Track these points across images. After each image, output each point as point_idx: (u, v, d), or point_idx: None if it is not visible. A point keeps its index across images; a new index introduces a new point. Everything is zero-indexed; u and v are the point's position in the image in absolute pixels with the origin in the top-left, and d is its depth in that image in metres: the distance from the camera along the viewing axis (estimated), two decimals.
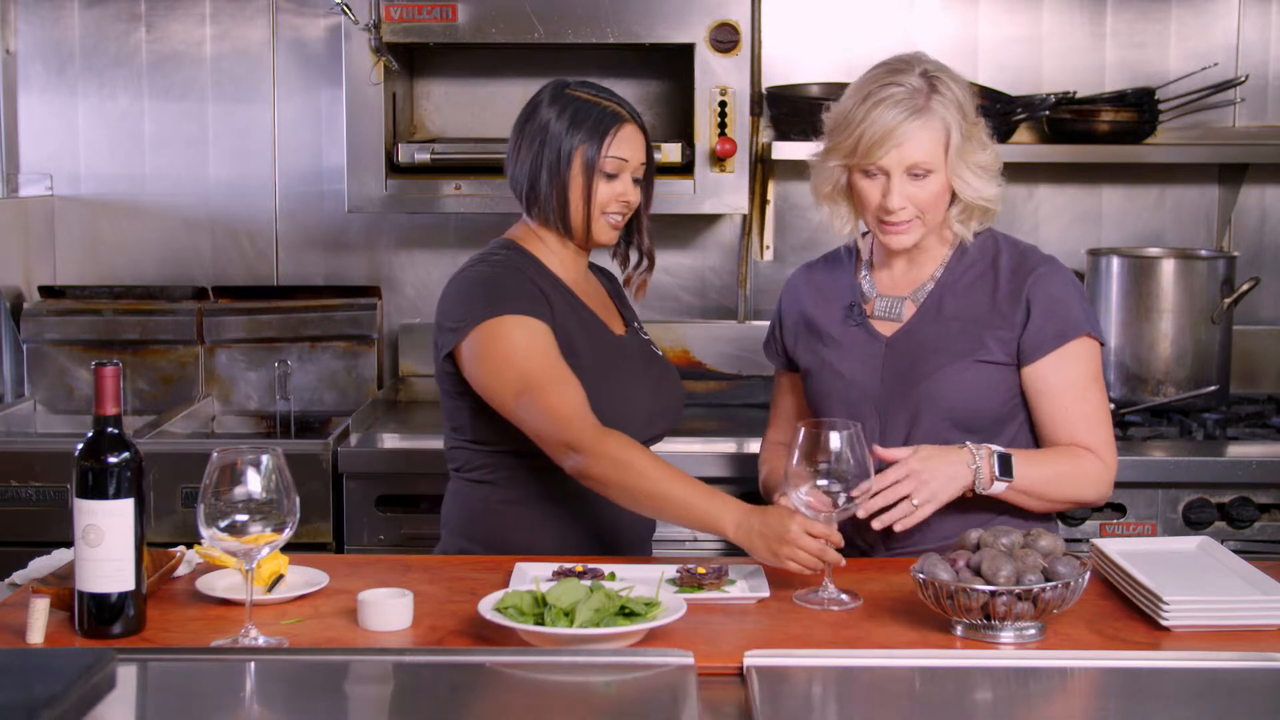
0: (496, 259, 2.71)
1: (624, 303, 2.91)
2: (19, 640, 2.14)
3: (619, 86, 4.13)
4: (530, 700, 1.98)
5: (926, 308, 2.68)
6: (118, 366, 2.15)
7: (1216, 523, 3.45)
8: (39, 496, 3.51)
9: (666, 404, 2.80)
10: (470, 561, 2.58)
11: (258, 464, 2.13)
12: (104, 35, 4.15)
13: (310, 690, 2.01)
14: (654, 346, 2.89)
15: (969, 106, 2.62)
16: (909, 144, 2.55)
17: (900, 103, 2.55)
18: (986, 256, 2.68)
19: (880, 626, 2.24)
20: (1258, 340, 4.15)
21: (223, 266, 4.21)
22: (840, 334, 2.73)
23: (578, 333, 2.69)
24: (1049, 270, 2.65)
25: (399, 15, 3.74)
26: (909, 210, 2.59)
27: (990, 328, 2.63)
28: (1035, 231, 4.17)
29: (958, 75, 2.65)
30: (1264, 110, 4.15)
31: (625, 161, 2.70)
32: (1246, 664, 2.08)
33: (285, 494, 2.14)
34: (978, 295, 2.66)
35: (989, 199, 2.63)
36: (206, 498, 2.12)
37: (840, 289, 2.77)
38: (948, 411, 2.61)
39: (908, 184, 2.58)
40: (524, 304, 2.62)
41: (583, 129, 2.68)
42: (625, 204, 2.72)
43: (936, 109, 2.56)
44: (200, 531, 2.13)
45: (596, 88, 2.76)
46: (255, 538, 2.12)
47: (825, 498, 2.33)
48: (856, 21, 4.11)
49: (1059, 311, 2.62)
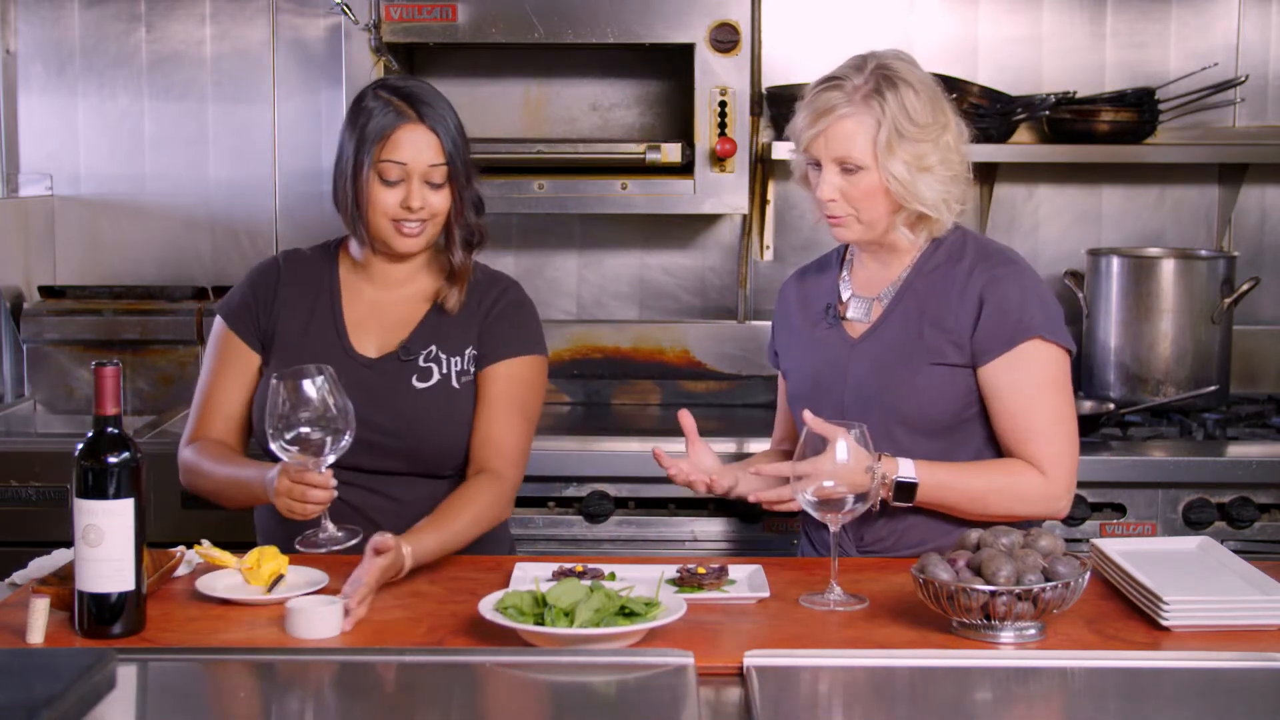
0: (266, 261, 2.80)
1: (442, 325, 2.69)
2: (19, 640, 2.14)
3: (619, 86, 4.18)
4: (530, 700, 1.98)
5: (890, 308, 2.66)
6: (118, 366, 2.15)
7: (1216, 523, 3.44)
8: (39, 496, 3.51)
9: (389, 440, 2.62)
10: (470, 561, 2.58)
11: (315, 381, 2.35)
12: (104, 35, 4.15)
13: (310, 690, 2.01)
14: (420, 381, 2.65)
15: (920, 107, 2.56)
16: (834, 134, 2.56)
17: (834, 93, 2.57)
18: (953, 257, 2.64)
19: (880, 626, 2.24)
20: (1258, 340, 4.14)
21: (223, 266, 4.20)
22: (815, 336, 2.73)
23: (292, 344, 2.68)
24: (1006, 272, 2.60)
25: (399, 15, 3.74)
26: (841, 204, 2.59)
27: (945, 329, 2.60)
28: (1035, 231, 4.17)
29: (922, 76, 2.60)
30: (1264, 110, 4.15)
31: (402, 165, 2.58)
32: (1246, 664, 2.08)
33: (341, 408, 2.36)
34: (937, 296, 2.63)
35: (925, 203, 2.57)
36: (274, 419, 2.34)
37: (823, 290, 2.77)
38: (901, 416, 2.59)
39: (839, 177, 2.58)
40: (229, 310, 2.74)
41: (364, 133, 2.59)
42: (409, 210, 2.59)
43: (871, 104, 2.55)
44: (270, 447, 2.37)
45: (406, 87, 2.64)
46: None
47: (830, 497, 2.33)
48: (856, 21, 4.11)
49: (1011, 313, 2.57)
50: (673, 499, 3.50)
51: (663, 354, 4.15)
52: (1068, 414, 2.60)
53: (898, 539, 2.63)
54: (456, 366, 2.68)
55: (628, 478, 3.47)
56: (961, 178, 2.63)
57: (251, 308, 2.73)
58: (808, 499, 2.34)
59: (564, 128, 4.14)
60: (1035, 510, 2.59)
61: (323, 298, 2.73)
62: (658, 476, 3.41)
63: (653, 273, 4.20)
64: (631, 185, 3.79)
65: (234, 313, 2.74)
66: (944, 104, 2.62)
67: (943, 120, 2.60)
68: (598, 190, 3.81)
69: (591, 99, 4.14)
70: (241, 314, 2.73)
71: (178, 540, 2.59)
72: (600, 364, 4.14)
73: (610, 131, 4.13)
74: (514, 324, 2.71)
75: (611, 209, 3.84)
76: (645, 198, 3.80)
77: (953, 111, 2.64)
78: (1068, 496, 2.59)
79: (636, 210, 3.84)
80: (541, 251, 4.12)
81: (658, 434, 3.64)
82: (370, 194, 2.61)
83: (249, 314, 2.73)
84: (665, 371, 4.14)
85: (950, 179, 2.60)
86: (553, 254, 4.18)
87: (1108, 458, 3.44)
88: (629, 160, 3.77)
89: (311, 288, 2.74)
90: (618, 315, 4.21)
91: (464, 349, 2.69)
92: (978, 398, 2.61)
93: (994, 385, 2.58)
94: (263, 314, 2.72)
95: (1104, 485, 3.44)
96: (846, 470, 2.33)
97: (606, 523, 3.49)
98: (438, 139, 2.60)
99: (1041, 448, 2.56)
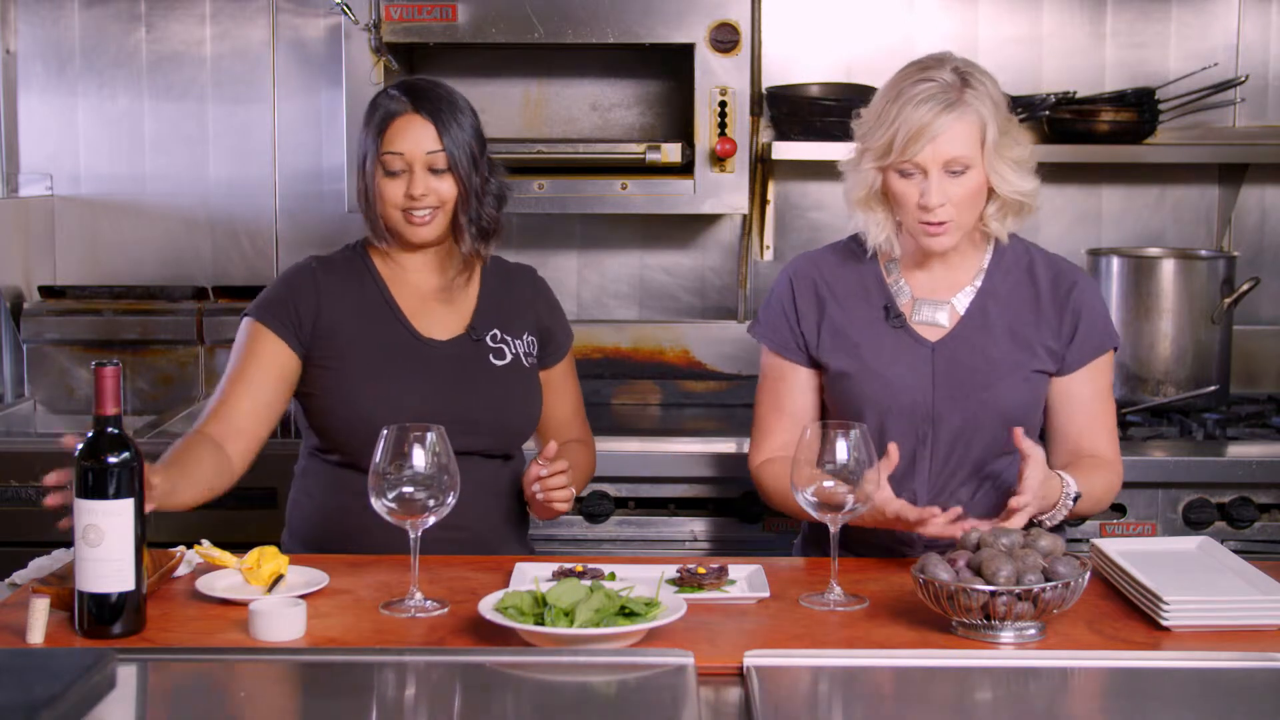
0: (299, 263, 2.79)
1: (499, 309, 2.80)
2: (19, 640, 2.14)
3: (619, 87, 4.18)
4: (530, 700, 1.98)
5: (972, 314, 2.66)
6: (118, 366, 2.15)
7: (1216, 523, 3.44)
8: (39, 496, 3.48)
9: (479, 417, 2.70)
10: (470, 561, 2.58)
11: (423, 440, 2.26)
12: (104, 35, 4.15)
13: (310, 690, 2.01)
14: (497, 359, 2.76)
15: (1002, 101, 2.60)
16: (944, 138, 2.51)
17: (933, 97, 2.51)
18: (1021, 263, 2.69)
19: (880, 626, 2.24)
20: (1258, 340, 4.15)
21: (223, 266, 4.20)
22: (879, 337, 2.67)
23: (357, 336, 2.70)
24: (1087, 282, 2.71)
25: (399, 15, 3.74)
26: (948, 209, 2.54)
27: (1039, 338, 2.64)
28: (1035, 231, 4.16)
29: (987, 72, 2.63)
30: (1264, 110, 4.15)
31: (401, 155, 2.64)
32: (1246, 664, 2.08)
33: (446, 469, 2.28)
34: (1021, 304, 2.66)
35: (1026, 194, 2.62)
36: (378, 472, 2.26)
37: (867, 288, 2.70)
38: (1006, 421, 2.59)
39: (945, 181, 2.53)
40: (263, 309, 2.71)
41: (369, 128, 2.69)
42: (413, 200, 2.65)
43: (971, 103, 2.53)
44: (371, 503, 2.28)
45: (412, 81, 2.73)
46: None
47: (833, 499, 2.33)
48: (856, 21, 4.11)
49: (1100, 324, 2.68)
50: (673, 499, 3.49)
51: (663, 354, 4.15)
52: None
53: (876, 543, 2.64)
54: (521, 348, 2.79)
55: (628, 478, 3.47)
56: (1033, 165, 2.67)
57: (288, 305, 2.71)
58: (808, 499, 2.34)
59: (564, 128, 4.14)
60: (1112, 499, 2.74)
61: (369, 290, 2.74)
62: (658, 476, 3.43)
63: (653, 273, 4.20)
64: (631, 185, 3.79)
65: (268, 311, 2.71)
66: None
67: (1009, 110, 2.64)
68: (598, 190, 3.81)
69: (591, 99, 4.14)
70: (277, 311, 2.71)
71: (178, 540, 2.59)
72: (600, 364, 4.14)
73: (610, 131, 4.13)
74: (562, 318, 2.92)
75: (611, 209, 3.84)
76: (645, 198, 3.80)
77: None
78: None
79: (636, 210, 3.84)
80: (541, 251, 4.12)
81: (658, 434, 3.65)
82: (378, 187, 2.67)
83: (286, 311, 2.70)
84: (665, 371, 4.14)
85: (1032, 166, 2.64)
86: (553, 254, 4.18)
87: None
88: (629, 160, 3.77)
89: (354, 282, 2.76)
90: (618, 315, 4.21)
91: (523, 333, 2.81)
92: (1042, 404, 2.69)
93: (1072, 392, 2.66)
94: (304, 311, 2.70)
95: None
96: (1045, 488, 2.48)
97: (606, 523, 3.49)
98: (434, 128, 2.65)
99: (1108, 444, 2.70)
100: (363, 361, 2.69)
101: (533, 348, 2.82)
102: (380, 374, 2.68)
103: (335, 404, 2.69)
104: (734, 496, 3.49)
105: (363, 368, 2.69)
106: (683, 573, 2.41)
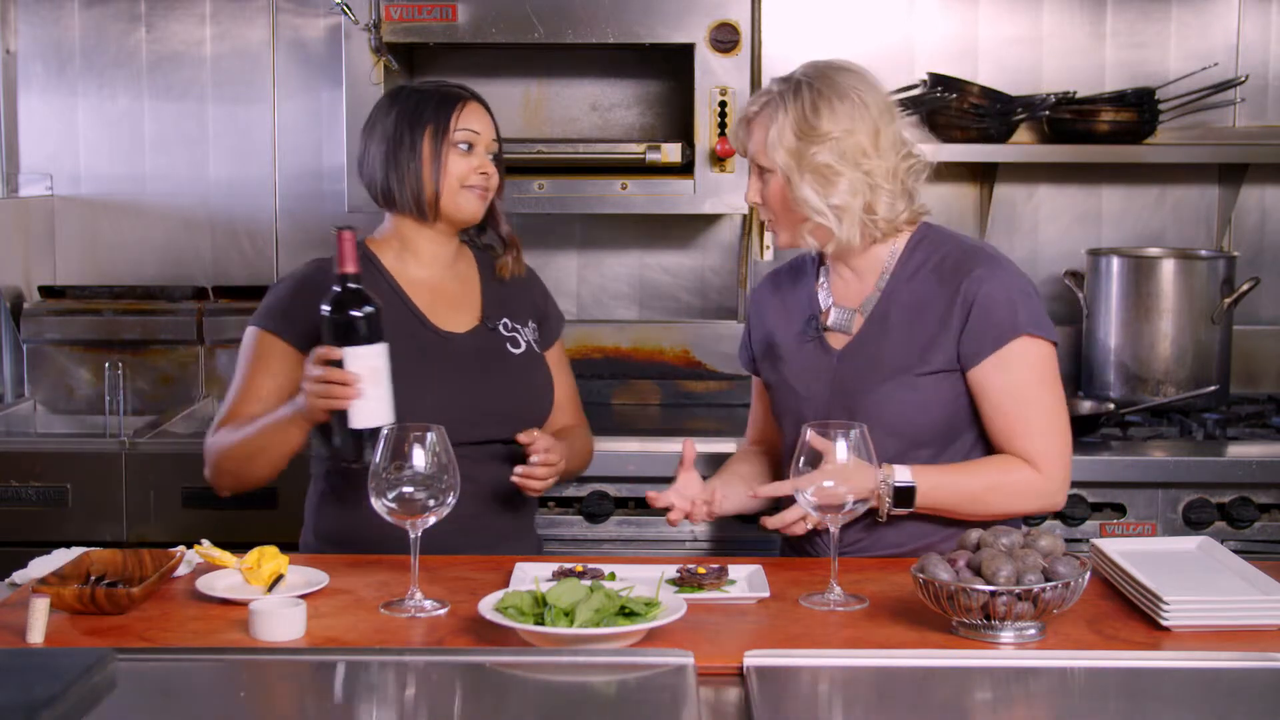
0: (301, 268, 2.82)
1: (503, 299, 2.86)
2: (19, 640, 2.14)
3: (619, 87, 4.18)
4: (530, 700, 1.98)
5: (873, 319, 2.65)
6: (354, 230, 2.46)
7: (1216, 523, 3.44)
8: (39, 496, 3.51)
9: (502, 406, 2.75)
10: (470, 561, 2.58)
11: (423, 440, 2.27)
12: (104, 35, 4.15)
13: (309, 690, 2.01)
14: (513, 348, 2.82)
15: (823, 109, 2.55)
16: (749, 138, 2.64)
17: (750, 102, 2.65)
18: (930, 260, 2.63)
19: (880, 626, 2.24)
20: (1258, 340, 4.15)
21: (223, 266, 4.21)
22: (796, 348, 2.72)
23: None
24: (987, 271, 2.59)
25: (399, 15, 3.74)
26: (764, 210, 2.65)
27: (931, 336, 2.59)
28: (1035, 231, 4.17)
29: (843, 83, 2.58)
30: (1264, 110, 4.15)
31: (477, 134, 2.75)
32: (1246, 664, 2.08)
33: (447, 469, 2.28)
34: (919, 302, 2.61)
35: (816, 208, 2.56)
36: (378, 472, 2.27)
37: (801, 301, 2.75)
38: (890, 428, 2.57)
39: (757, 180, 2.64)
40: (270, 317, 2.74)
41: (427, 111, 2.74)
42: (484, 177, 2.76)
43: (771, 107, 2.59)
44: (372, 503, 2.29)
45: (439, 80, 2.85)
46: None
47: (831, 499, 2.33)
48: (856, 22, 4.11)
49: (996, 313, 2.56)
50: None
51: (663, 354, 4.15)
52: (1059, 408, 2.60)
53: (874, 540, 2.63)
54: (530, 335, 2.86)
55: (628, 478, 3.47)
56: (885, 188, 2.58)
57: (296, 310, 2.71)
58: (807, 499, 2.34)
59: (564, 128, 4.14)
60: (1032, 506, 2.59)
61: (380, 287, 2.74)
62: (658, 476, 3.42)
63: (653, 273, 4.20)
64: (631, 185, 3.79)
65: (275, 317, 2.73)
66: (864, 112, 2.57)
67: (851, 126, 2.56)
68: (598, 190, 3.81)
69: (591, 99, 4.14)
70: (285, 317, 2.72)
71: (178, 540, 2.59)
72: (600, 364, 4.14)
73: (610, 131, 4.13)
74: (553, 302, 2.98)
75: (611, 209, 3.84)
76: (645, 198, 3.80)
77: (885, 119, 2.59)
78: (1063, 490, 2.60)
79: (636, 210, 3.84)
80: (542, 251, 4.12)
81: (658, 434, 3.64)
82: (447, 163, 2.72)
83: (294, 317, 2.70)
84: (665, 371, 4.14)
85: (856, 188, 2.56)
86: (553, 254, 4.18)
87: (1108, 458, 3.44)
88: (629, 160, 3.77)
89: (363, 281, 2.72)
90: (618, 315, 4.21)
91: (527, 320, 2.87)
92: (967, 401, 2.61)
93: (985, 386, 2.58)
94: (313, 314, 2.65)
95: (1104, 485, 3.44)
96: (847, 474, 2.33)
97: (606, 523, 3.49)
98: (492, 120, 2.80)
99: (1035, 443, 2.56)
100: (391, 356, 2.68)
101: (535, 333, 2.88)
102: (403, 369, 2.66)
103: None
104: None
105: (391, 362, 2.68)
106: (683, 573, 2.41)
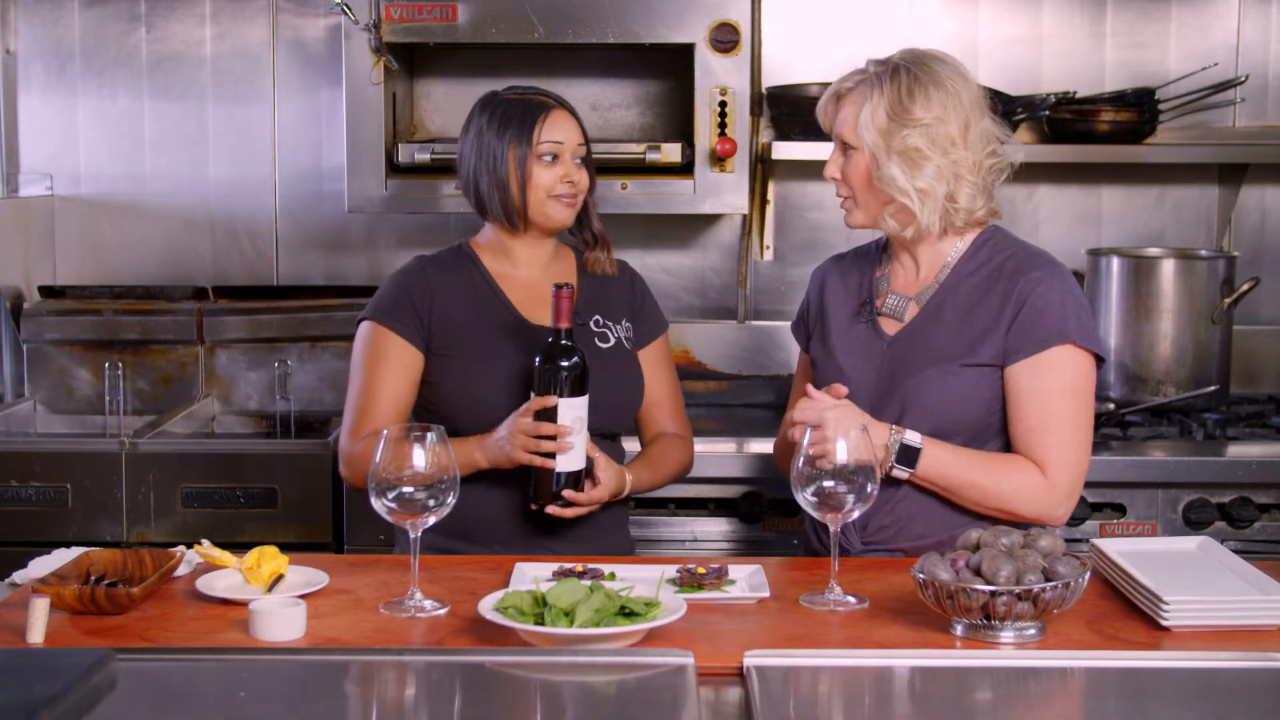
0: (406, 265, 2.92)
1: (598, 298, 2.93)
2: (19, 640, 2.15)
3: (619, 87, 4.18)
4: (530, 700, 1.98)
5: (928, 309, 2.67)
6: (572, 289, 2.60)
7: (1216, 523, 3.45)
8: (39, 496, 3.51)
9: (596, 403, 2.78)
10: (470, 561, 2.58)
11: (423, 440, 2.28)
12: (104, 35, 4.15)
13: (310, 690, 2.01)
14: (602, 342, 2.89)
15: (918, 95, 2.58)
16: (837, 114, 2.68)
17: (843, 79, 2.69)
18: (994, 260, 2.66)
19: (880, 626, 2.24)
20: (1258, 340, 4.15)
21: (223, 266, 4.21)
22: (848, 330, 2.74)
23: (472, 322, 2.83)
24: (1045, 274, 2.61)
25: (399, 15, 3.74)
26: (843, 186, 2.67)
27: (983, 330, 2.61)
28: (1035, 231, 4.17)
29: (936, 73, 2.61)
30: (1264, 110, 4.15)
31: (560, 144, 2.82)
32: (1246, 664, 2.08)
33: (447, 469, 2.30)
34: (975, 299, 2.64)
35: (902, 189, 2.59)
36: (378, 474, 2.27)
37: (860, 284, 2.78)
38: (929, 415, 2.59)
39: (840, 156, 2.68)
40: (382, 312, 2.83)
41: (511, 125, 2.81)
42: (571, 184, 2.83)
43: (866, 86, 2.62)
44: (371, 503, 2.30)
45: (525, 88, 2.90)
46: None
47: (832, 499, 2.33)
48: (856, 21, 4.11)
49: (1047, 316, 2.58)
50: (673, 499, 3.50)
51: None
52: (1083, 422, 2.59)
53: (900, 529, 2.62)
54: (622, 333, 2.94)
55: None
56: (968, 180, 2.61)
57: (408, 305, 2.83)
58: (807, 499, 2.34)
59: None
60: (1031, 511, 2.58)
61: (480, 285, 2.87)
62: None
63: (653, 273, 4.20)
64: (631, 185, 3.79)
65: (389, 312, 2.84)
66: (956, 102, 2.60)
67: (943, 115, 2.59)
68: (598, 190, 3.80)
69: (591, 99, 4.14)
70: (398, 312, 2.83)
71: (178, 540, 2.59)
72: None
73: (610, 131, 4.13)
74: (654, 303, 3.04)
75: (611, 209, 3.83)
76: (645, 198, 3.80)
77: (976, 113, 2.62)
78: (1068, 504, 2.59)
79: (636, 210, 3.84)
80: None
81: None
82: (532, 174, 2.80)
83: (406, 311, 2.83)
84: None
85: (941, 175, 2.59)
86: None
87: (1108, 458, 3.44)
88: (629, 160, 3.77)
89: (464, 279, 2.88)
90: None
91: (621, 318, 2.94)
92: (1001, 403, 2.62)
93: (1016, 385, 2.59)
94: (420, 305, 2.83)
95: (1104, 485, 3.44)
96: (839, 417, 2.42)
97: None
98: (577, 122, 2.87)
99: (1049, 450, 2.56)
100: (479, 346, 2.81)
101: (629, 331, 2.95)
102: (494, 356, 2.79)
103: (454, 388, 2.80)
104: (734, 496, 3.49)
105: (479, 351, 2.81)
106: (683, 573, 2.41)
